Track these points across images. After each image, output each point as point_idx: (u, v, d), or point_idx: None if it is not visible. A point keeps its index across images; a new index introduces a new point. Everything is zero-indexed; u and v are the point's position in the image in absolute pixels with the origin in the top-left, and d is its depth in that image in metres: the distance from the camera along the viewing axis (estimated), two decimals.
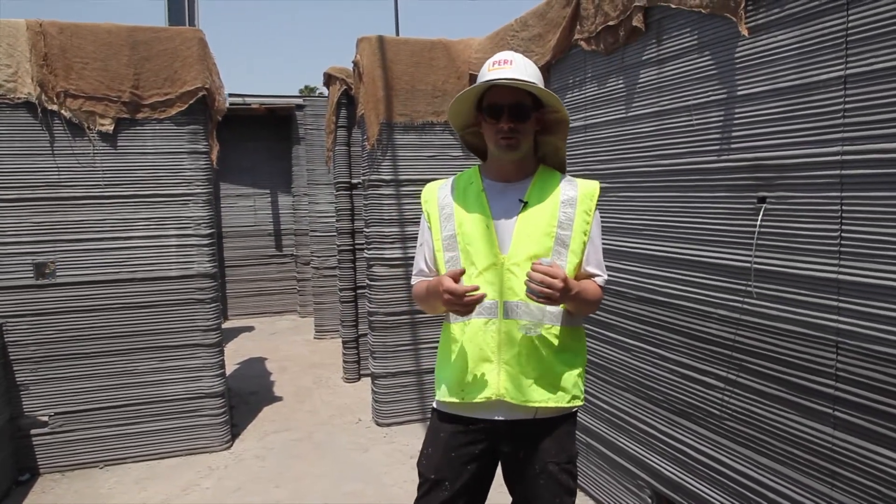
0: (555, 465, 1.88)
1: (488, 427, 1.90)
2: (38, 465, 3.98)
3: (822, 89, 2.01)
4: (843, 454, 2.00)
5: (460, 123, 2.02)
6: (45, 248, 3.92)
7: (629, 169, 2.99)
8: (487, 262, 1.85)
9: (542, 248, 1.84)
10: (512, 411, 1.87)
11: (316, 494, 3.70)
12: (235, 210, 8.93)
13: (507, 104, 1.82)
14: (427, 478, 1.95)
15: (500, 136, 1.84)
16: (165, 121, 4.07)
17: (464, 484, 1.91)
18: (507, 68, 1.84)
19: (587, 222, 1.89)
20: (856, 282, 1.93)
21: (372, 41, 4.44)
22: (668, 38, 2.68)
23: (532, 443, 1.89)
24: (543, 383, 1.85)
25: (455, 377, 1.89)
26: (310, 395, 5.59)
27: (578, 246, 1.88)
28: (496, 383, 1.83)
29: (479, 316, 1.85)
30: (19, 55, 3.76)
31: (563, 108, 1.89)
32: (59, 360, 3.98)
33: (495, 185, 1.94)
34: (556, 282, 1.66)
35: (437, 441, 1.96)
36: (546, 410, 1.88)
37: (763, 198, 2.24)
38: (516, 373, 1.83)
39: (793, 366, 2.17)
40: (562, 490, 1.89)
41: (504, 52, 1.90)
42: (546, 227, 1.86)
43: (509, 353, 1.84)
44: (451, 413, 1.95)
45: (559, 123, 1.94)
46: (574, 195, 1.90)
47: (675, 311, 2.73)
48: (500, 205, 1.90)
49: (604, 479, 3.33)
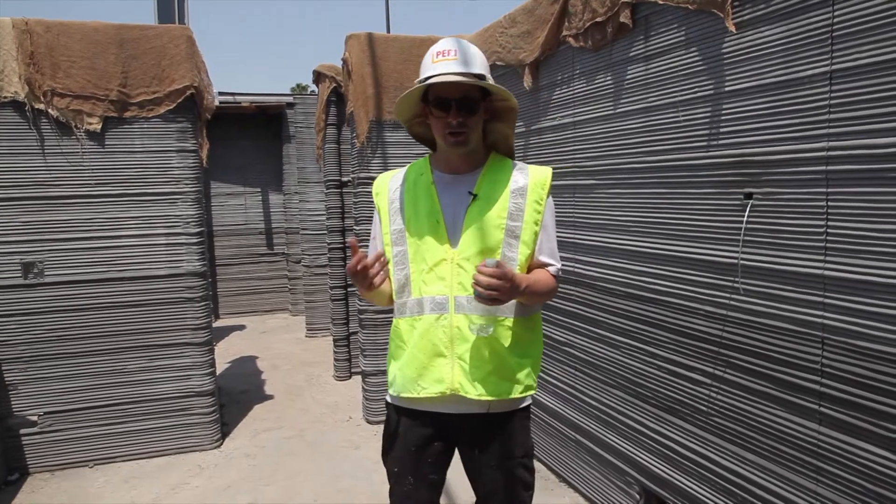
0: (510, 460, 1.88)
1: (443, 421, 1.89)
2: (27, 465, 3.96)
3: (808, 85, 2.01)
4: (829, 450, 2.01)
5: (407, 115, 1.95)
6: (33, 248, 3.89)
7: (617, 165, 2.99)
8: (437, 257, 1.83)
9: (493, 240, 1.82)
10: (465, 405, 1.85)
11: (307, 492, 3.70)
12: (226, 208, 8.90)
13: (454, 98, 1.76)
14: (391, 471, 1.97)
15: (448, 132, 1.79)
16: (154, 119, 4.05)
17: (423, 474, 1.93)
18: (451, 60, 1.76)
19: (538, 212, 1.86)
20: (841, 278, 1.94)
21: (361, 38, 4.42)
22: (655, 35, 2.68)
23: (487, 438, 1.89)
24: (497, 376, 1.82)
25: (409, 372, 1.87)
26: (301, 394, 5.58)
27: (530, 236, 1.85)
28: (450, 377, 1.82)
29: (430, 312, 1.83)
30: (5, 54, 3.73)
31: (512, 97, 1.84)
32: (48, 360, 3.96)
33: (445, 177, 1.91)
34: (503, 283, 1.63)
35: (394, 436, 1.97)
36: (499, 404, 1.86)
37: (749, 194, 2.25)
38: (470, 367, 1.81)
39: (779, 362, 2.17)
40: (518, 485, 1.90)
41: (446, 41, 1.81)
42: (496, 220, 1.82)
43: (462, 348, 1.81)
44: (406, 407, 1.94)
45: (508, 111, 1.90)
46: (524, 184, 1.86)
47: (663, 308, 2.73)
48: (450, 197, 1.87)
49: (592, 476, 3.33)
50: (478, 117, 1.82)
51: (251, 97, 8.73)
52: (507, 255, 1.83)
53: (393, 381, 1.94)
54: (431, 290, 1.83)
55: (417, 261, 1.86)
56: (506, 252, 1.83)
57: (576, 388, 3.44)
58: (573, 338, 3.44)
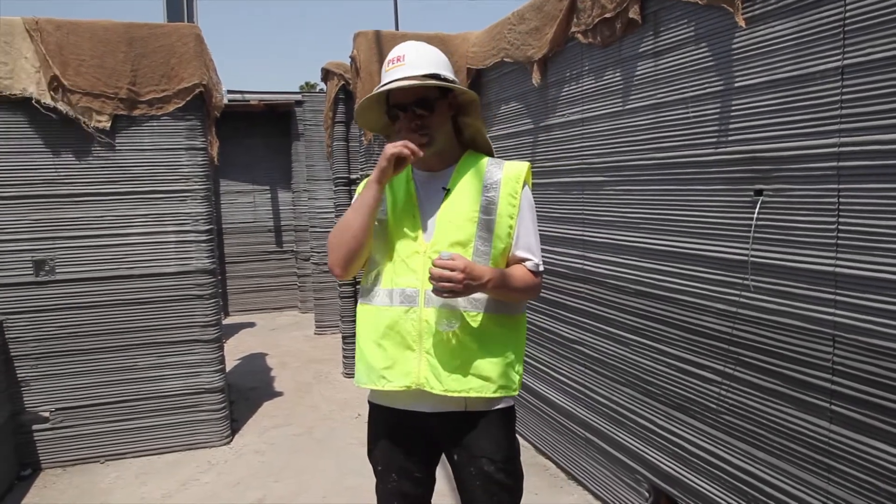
0: (490, 463, 1.84)
1: (421, 419, 1.87)
2: (39, 461, 4.00)
3: (819, 80, 1.99)
4: (840, 448, 2.00)
5: (378, 127, 2.02)
6: (44, 245, 3.92)
7: (626, 162, 2.98)
8: (410, 250, 1.83)
9: (465, 234, 1.81)
10: (442, 403, 1.82)
11: (316, 489, 3.71)
12: (235, 206, 8.93)
13: (409, 102, 1.80)
14: (375, 468, 1.99)
15: (410, 136, 1.80)
16: (163, 117, 4.07)
17: (406, 471, 1.94)
18: (401, 66, 1.81)
19: (513, 205, 1.85)
20: (853, 275, 1.92)
21: (368, 36, 4.43)
22: (664, 30, 2.67)
23: (466, 441, 1.86)
24: (464, 372, 1.79)
25: (374, 363, 1.85)
26: (310, 391, 5.60)
27: (504, 230, 1.84)
28: (416, 371, 1.80)
29: (400, 304, 1.82)
30: (16, 52, 3.75)
31: (467, 91, 1.86)
32: (59, 357, 3.98)
33: (421, 174, 1.94)
34: (455, 274, 1.63)
35: (377, 435, 1.97)
36: (476, 402, 1.83)
37: (760, 190, 2.23)
38: (437, 362, 1.79)
39: (789, 359, 2.16)
40: (499, 489, 1.86)
41: (398, 48, 1.85)
42: (468, 213, 1.83)
43: (430, 342, 1.80)
44: (386, 406, 1.93)
45: (471, 104, 1.91)
46: (498, 178, 1.86)
47: (673, 305, 2.72)
48: (426, 193, 1.89)
49: (601, 474, 3.33)
50: (439, 115, 1.83)
51: (260, 95, 8.74)
52: (479, 249, 1.82)
53: (360, 374, 1.91)
54: (402, 281, 1.83)
55: (390, 252, 1.87)
56: (479, 246, 1.82)
57: (585, 385, 3.43)
58: (582, 335, 3.43)
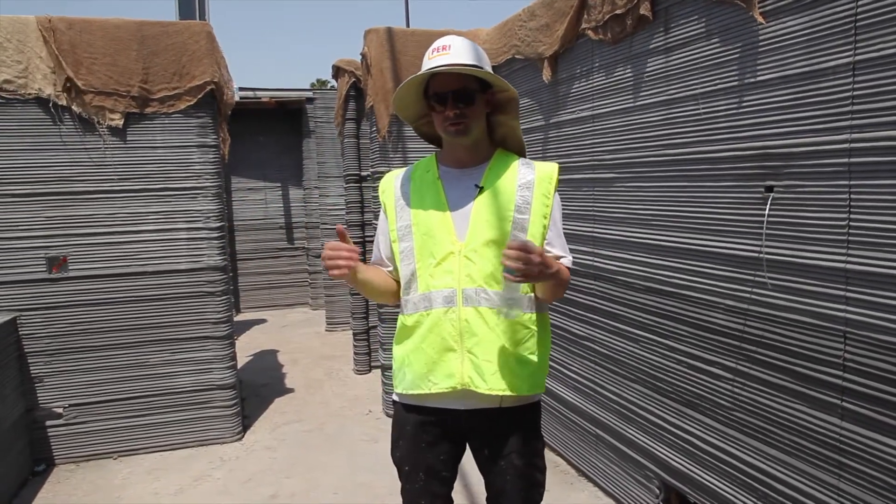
0: (520, 458, 1.86)
1: (453, 417, 1.88)
2: (53, 456, 4.04)
3: (831, 76, 1.98)
4: (851, 445, 1.99)
5: (412, 115, 2.01)
6: (57, 243, 3.96)
7: (637, 159, 2.97)
8: (445, 250, 1.82)
9: (501, 232, 1.81)
10: (477, 400, 1.84)
11: (327, 485, 3.72)
12: (246, 203, 8.98)
13: (450, 90, 1.80)
14: (402, 469, 1.97)
15: (447, 123, 1.81)
16: (174, 115, 4.09)
17: (434, 471, 1.93)
18: (446, 54, 1.81)
19: (546, 205, 1.85)
20: (864, 271, 1.91)
21: (380, 33, 4.43)
22: (675, 27, 2.66)
23: (497, 436, 1.88)
24: (507, 371, 1.81)
25: (418, 369, 1.86)
26: (321, 387, 5.62)
27: (538, 230, 1.84)
28: (460, 372, 1.80)
29: (438, 306, 1.82)
30: (29, 51, 3.79)
31: (510, 87, 1.85)
32: (72, 353, 4.02)
33: (451, 171, 1.92)
34: (534, 257, 1.59)
35: (403, 433, 1.96)
36: (510, 399, 1.85)
37: (771, 187, 2.22)
38: (480, 361, 1.80)
39: (800, 356, 2.15)
40: (528, 484, 1.88)
41: (443, 38, 1.86)
42: (504, 212, 1.82)
43: (471, 341, 1.80)
44: (414, 405, 1.93)
45: (510, 102, 1.90)
46: (532, 178, 1.86)
47: (683, 302, 2.71)
48: (457, 191, 1.87)
49: (612, 470, 3.32)
50: (477, 108, 1.84)
51: (271, 92, 8.79)
52: None
53: (402, 380, 1.93)
54: (438, 283, 1.82)
55: (424, 255, 1.85)
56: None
57: (595, 382, 3.43)
58: (593, 332, 3.42)
